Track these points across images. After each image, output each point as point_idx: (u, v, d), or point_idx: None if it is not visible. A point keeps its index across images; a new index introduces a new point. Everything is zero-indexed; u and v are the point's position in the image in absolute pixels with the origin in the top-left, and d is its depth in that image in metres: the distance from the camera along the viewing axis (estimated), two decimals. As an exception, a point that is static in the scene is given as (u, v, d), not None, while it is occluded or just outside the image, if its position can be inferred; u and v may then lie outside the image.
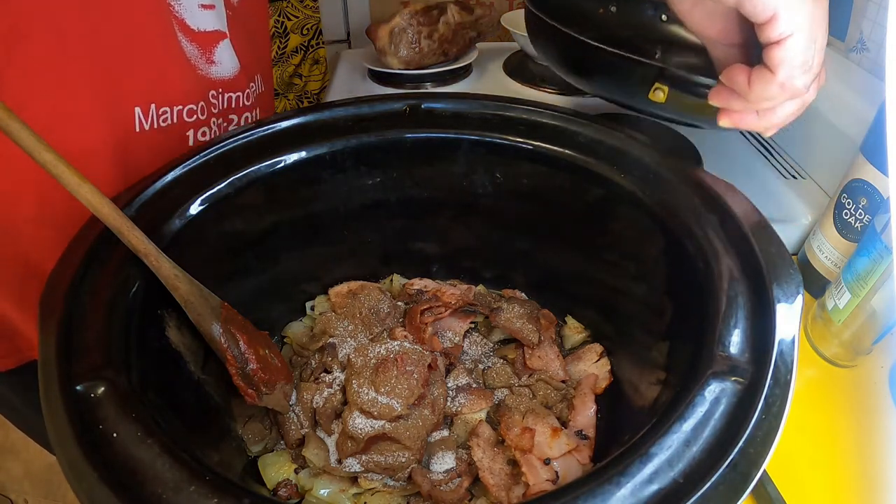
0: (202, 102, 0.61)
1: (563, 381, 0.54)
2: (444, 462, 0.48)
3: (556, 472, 0.46)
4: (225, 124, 0.66)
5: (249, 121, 0.67)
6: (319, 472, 0.47)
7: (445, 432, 0.51)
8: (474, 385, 0.54)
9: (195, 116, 0.61)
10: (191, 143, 0.62)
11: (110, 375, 0.34)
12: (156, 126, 0.58)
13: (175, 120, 0.59)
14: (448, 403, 0.51)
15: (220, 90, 0.63)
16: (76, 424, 0.32)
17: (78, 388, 0.34)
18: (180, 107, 0.59)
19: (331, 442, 0.49)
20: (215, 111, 0.63)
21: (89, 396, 0.33)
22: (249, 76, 0.67)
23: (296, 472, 0.48)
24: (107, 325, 0.38)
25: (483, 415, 0.52)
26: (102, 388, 0.34)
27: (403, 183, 0.58)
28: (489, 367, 0.56)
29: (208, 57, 0.61)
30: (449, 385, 0.53)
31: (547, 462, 0.47)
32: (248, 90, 0.67)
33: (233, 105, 0.66)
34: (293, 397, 0.52)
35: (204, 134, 0.63)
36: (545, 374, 0.54)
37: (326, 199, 0.57)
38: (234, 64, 0.64)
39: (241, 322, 0.48)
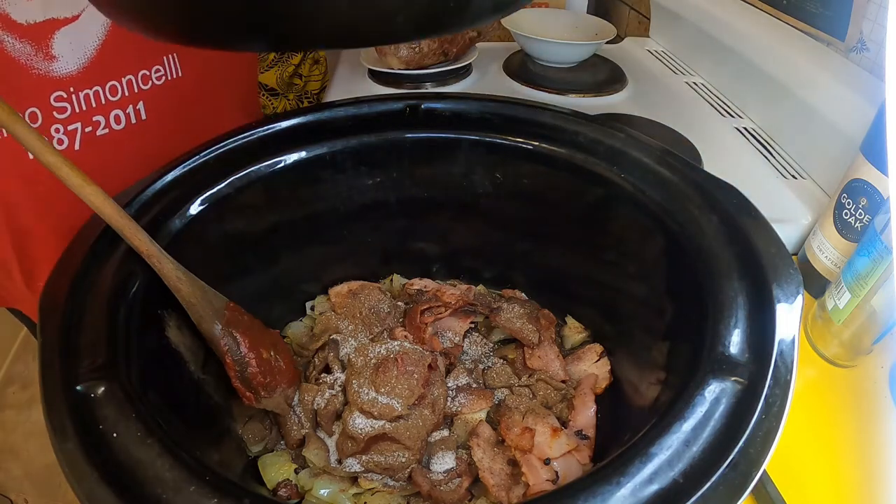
0: (33, 109, 0.52)
1: (563, 381, 0.54)
2: (444, 462, 0.48)
3: (557, 473, 0.46)
4: (90, 129, 0.56)
5: (166, 113, 0.55)
6: (319, 472, 0.47)
7: (445, 432, 0.51)
8: (474, 385, 0.54)
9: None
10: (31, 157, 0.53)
11: (110, 375, 0.34)
12: None
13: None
14: (448, 403, 0.51)
15: (73, 89, 0.53)
16: (76, 424, 0.32)
17: (78, 388, 0.34)
18: None
19: (331, 442, 0.49)
20: (63, 116, 0.54)
21: (89, 396, 0.33)
22: (130, 64, 0.56)
23: (296, 472, 0.48)
24: (107, 325, 0.38)
25: (483, 415, 0.52)
26: (102, 388, 0.34)
27: (403, 183, 0.58)
28: (489, 367, 0.56)
29: (46, 52, 0.51)
30: (449, 385, 0.53)
31: (547, 462, 0.47)
32: (128, 78, 0.56)
33: (101, 102, 0.55)
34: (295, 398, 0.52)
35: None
36: (545, 374, 0.54)
37: (326, 199, 0.57)
38: (81, 54, 0.53)
39: (246, 322, 0.48)
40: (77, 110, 0.54)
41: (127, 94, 0.57)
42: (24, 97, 0.52)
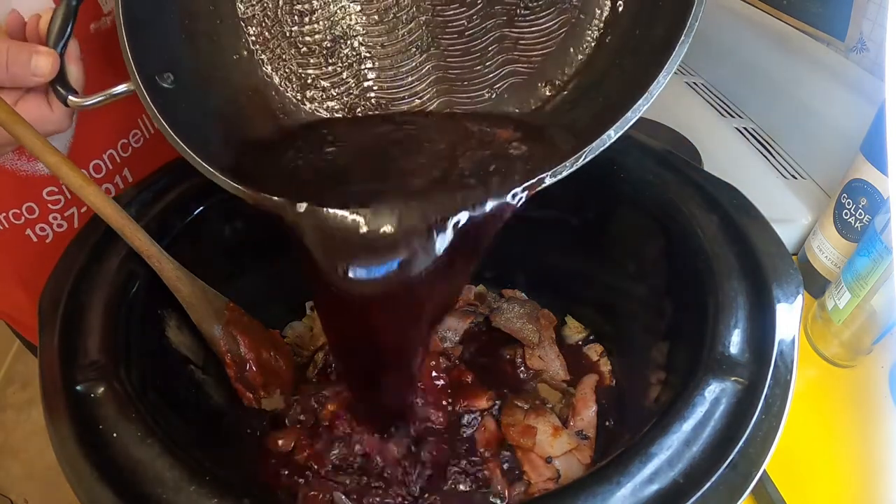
0: (30, 203, 0.54)
1: (564, 381, 0.54)
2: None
3: (558, 471, 0.46)
4: (85, 209, 0.57)
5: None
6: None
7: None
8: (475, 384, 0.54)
9: (22, 218, 0.54)
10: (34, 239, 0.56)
11: (110, 375, 0.34)
12: None
13: (6, 225, 0.54)
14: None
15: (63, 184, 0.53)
16: (76, 424, 0.32)
17: (78, 388, 0.34)
18: (4, 213, 0.53)
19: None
20: (57, 207, 0.55)
21: (89, 396, 0.33)
22: (108, 139, 0.57)
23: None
24: (107, 325, 0.38)
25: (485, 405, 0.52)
26: (102, 388, 0.34)
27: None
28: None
29: (28, 154, 0.52)
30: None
31: (548, 461, 0.47)
32: (109, 153, 0.57)
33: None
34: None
35: (42, 229, 0.56)
36: (546, 373, 0.54)
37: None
38: (60, 147, 0.53)
39: (245, 323, 0.48)
40: (69, 197, 0.56)
41: (111, 167, 0.58)
42: (17, 196, 0.53)
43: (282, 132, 0.44)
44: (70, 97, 0.42)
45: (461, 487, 0.46)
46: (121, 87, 0.41)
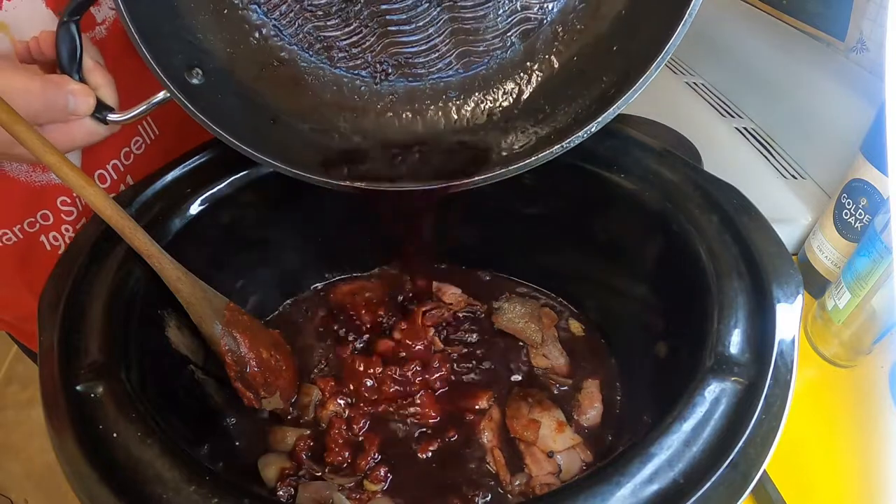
0: (45, 210, 0.55)
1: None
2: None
3: (559, 466, 0.47)
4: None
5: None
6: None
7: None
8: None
9: (37, 226, 0.55)
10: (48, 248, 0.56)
11: (110, 375, 0.34)
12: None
13: (21, 236, 0.54)
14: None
15: (75, 194, 0.55)
16: (76, 424, 0.32)
17: (78, 388, 0.34)
18: (19, 225, 0.54)
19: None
20: (70, 218, 0.56)
21: (89, 396, 0.33)
22: (112, 148, 0.57)
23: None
24: (107, 325, 0.38)
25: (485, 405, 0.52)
26: (102, 388, 0.34)
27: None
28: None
29: (43, 167, 0.53)
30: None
31: (550, 455, 0.47)
32: (113, 163, 0.58)
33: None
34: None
35: (56, 238, 0.57)
36: (551, 371, 0.54)
37: (326, 199, 0.57)
38: (73, 159, 0.53)
39: (246, 323, 0.48)
40: (80, 209, 0.57)
41: (115, 176, 0.59)
42: (33, 205, 0.54)
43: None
44: (109, 117, 0.45)
45: (462, 476, 0.46)
46: (159, 96, 0.43)
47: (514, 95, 0.48)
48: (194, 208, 0.48)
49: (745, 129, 0.84)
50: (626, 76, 0.40)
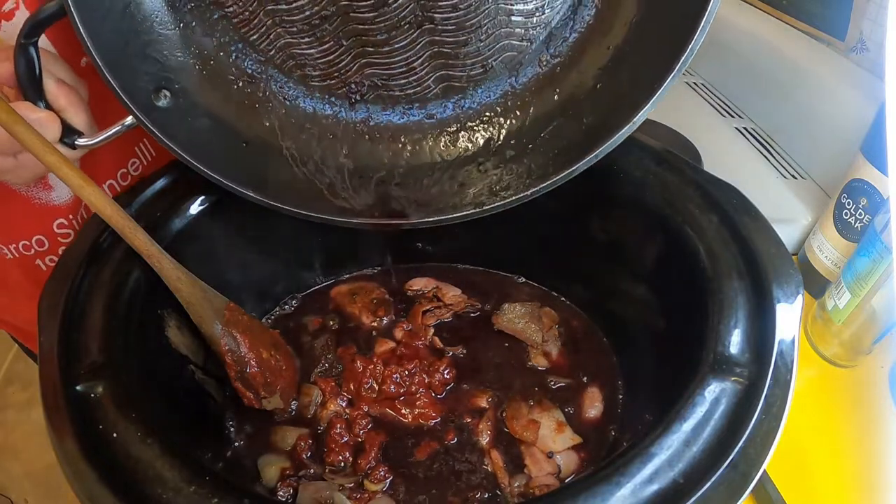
0: (39, 236, 0.54)
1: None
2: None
3: (559, 466, 0.47)
4: None
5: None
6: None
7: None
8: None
9: (32, 250, 0.55)
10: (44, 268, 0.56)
11: (110, 375, 0.34)
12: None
13: (17, 255, 0.54)
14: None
15: (71, 216, 0.55)
16: (76, 424, 0.32)
17: (78, 388, 0.34)
18: (14, 244, 0.54)
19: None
20: (67, 240, 0.56)
21: (89, 396, 0.33)
22: (109, 169, 0.57)
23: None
24: (107, 325, 0.38)
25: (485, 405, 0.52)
26: (102, 389, 0.34)
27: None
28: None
29: (44, 182, 0.52)
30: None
31: (550, 455, 0.47)
32: (109, 183, 0.57)
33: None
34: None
35: (52, 260, 0.56)
36: (551, 371, 0.54)
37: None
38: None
39: (245, 323, 0.48)
40: (78, 229, 0.56)
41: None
42: (29, 227, 0.54)
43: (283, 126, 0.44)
44: (77, 141, 0.42)
45: (462, 476, 0.46)
46: (128, 121, 0.41)
47: (496, 127, 0.46)
48: (194, 208, 0.48)
49: (745, 129, 0.84)
50: (608, 119, 0.41)
